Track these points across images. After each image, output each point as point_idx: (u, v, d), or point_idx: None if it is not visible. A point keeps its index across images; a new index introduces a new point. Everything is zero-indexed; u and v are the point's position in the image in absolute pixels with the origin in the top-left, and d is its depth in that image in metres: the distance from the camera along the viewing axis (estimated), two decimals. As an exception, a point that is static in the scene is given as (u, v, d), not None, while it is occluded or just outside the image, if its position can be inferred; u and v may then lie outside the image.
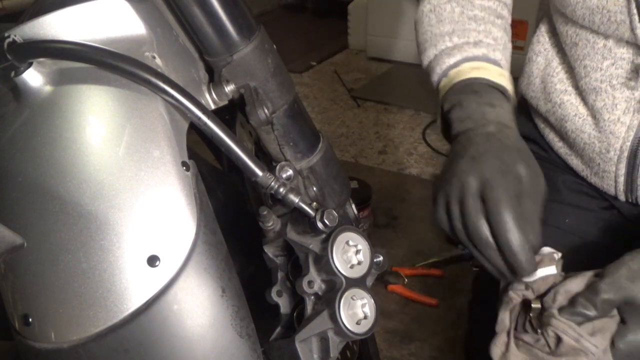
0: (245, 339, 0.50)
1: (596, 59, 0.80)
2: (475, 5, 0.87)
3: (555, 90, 0.87)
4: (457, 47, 0.84)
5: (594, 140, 0.83)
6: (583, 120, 0.84)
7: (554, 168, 0.94)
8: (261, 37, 0.55)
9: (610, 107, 0.80)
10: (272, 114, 0.57)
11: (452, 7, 0.87)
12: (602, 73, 0.80)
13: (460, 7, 0.87)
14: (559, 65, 0.88)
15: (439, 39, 0.86)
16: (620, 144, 0.80)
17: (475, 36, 0.84)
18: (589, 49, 0.80)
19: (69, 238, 0.46)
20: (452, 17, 0.86)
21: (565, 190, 0.92)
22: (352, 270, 0.55)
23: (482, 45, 0.83)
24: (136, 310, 0.46)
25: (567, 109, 0.86)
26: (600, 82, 0.80)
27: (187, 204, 0.48)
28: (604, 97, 0.80)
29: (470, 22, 0.86)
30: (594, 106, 0.81)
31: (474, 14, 0.86)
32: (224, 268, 0.50)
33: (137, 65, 0.47)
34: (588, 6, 0.76)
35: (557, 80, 0.87)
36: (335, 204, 0.64)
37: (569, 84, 0.86)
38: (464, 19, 0.86)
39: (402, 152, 2.62)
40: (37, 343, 0.47)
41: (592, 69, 0.80)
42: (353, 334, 0.53)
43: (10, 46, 0.47)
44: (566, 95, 0.86)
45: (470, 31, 0.85)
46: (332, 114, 2.97)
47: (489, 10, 0.88)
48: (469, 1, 0.87)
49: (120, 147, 0.47)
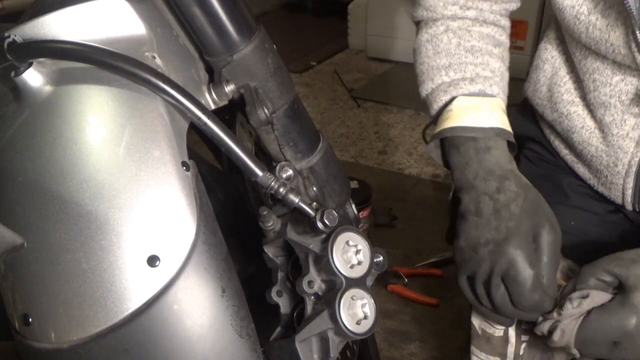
0: (245, 339, 0.50)
1: (606, 74, 0.79)
2: (473, 35, 0.85)
3: (562, 101, 0.86)
4: (453, 84, 0.83)
5: (601, 154, 0.82)
6: (590, 133, 0.83)
7: (560, 170, 0.93)
8: (261, 37, 0.55)
9: (619, 122, 0.79)
10: (272, 114, 0.57)
11: (449, 38, 0.85)
12: (611, 88, 0.78)
13: (457, 37, 0.85)
14: (566, 75, 0.87)
15: (436, 73, 0.86)
16: (629, 159, 0.79)
17: (472, 70, 0.83)
18: (598, 64, 0.79)
19: (69, 238, 0.46)
20: (448, 49, 0.85)
21: (571, 193, 0.91)
22: (352, 270, 0.55)
23: (479, 81, 0.82)
24: (136, 310, 0.46)
25: (574, 121, 0.85)
26: (609, 97, 0.79)
27: (187, 204, 0.48)
28: (612, 112, 0.79)
29: (467, 54, 0.84)
30: (602, 120, 0.81)
31: (471, 45, 0.85)
32: (224, 268, 0.50)
33: (137, 65, 0.47)
34: (592, 37, 0.75)
35: (564, 90, 0.86)
36: (335, 204, 0.64)
37: (577, 95, 0.85)
38: (461, 51, 0.85)
39: (402, 152, 2.62)
40: (37, 343, 0.47)
41: (602, 83, 0.79)
42: (353, 334, 0.53)
43: (10, 46, 0.47)
44: (573, 106, 0.85)
45: (467, 65, 0.84)
46: (332, 114, 2.97)
47: (486, 39, 0.86)
48: (467, 30, 0.85)
49: (120, 147, 0.47)
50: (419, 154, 2.60)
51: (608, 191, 0.85)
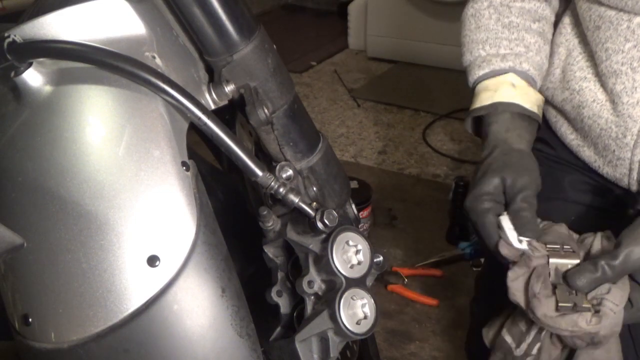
0: (245, 339, 0.50)
1: (618, 41, 0.82)
2: (513, 11, 0.91)
3: (574, 78, 0.90)
4: (487, 60, 0.90)
5: (610, 125, 0.85)
6: (601, 106, 0.86)
7: (561, 167, 0.96)
8: (261, 37, 0.55)
9: (630, 90, 0.82)
10: (272, 114, 0.57)
11: (490, 13, 0.92)
12: (623, 55, 0.82)
13: (497, 13, 0.92)
14: (579, 54, 0.91)
15: (474, 46, 0.93)
16: (638, 128, 0.82)
17: (506, 45, 0.90)
18: (611, 32, 0.83)
19: (69, 238, 0.46)
20: (488, 24, 0.92)
21: (570, 189, 0.94)
22: (352, 270, 0.55)
23: (509, 59, 0.89)
24: (136, 310, 0.46)
25: (586, 95, 0.88)
26: (621, 64, 0.82)
27: (187, 204, 0.48)
28: (623, 79, 0.82)
29: (504, 30, 0.91)
30: (613, 90, 0.84)
31: (509, 20, 0.91)
32: (224, 268, 0.50)
33: (137, 65, 0.47)
34: None
35: (577, 68, 0.90)
36: (335, 204, 0.64)
37: (589, 71, 0.89)
38: (499, 27, 0.91)
39: (402, 152, 2.62)
40: (37, 343, 0.47)
41: (614, 51, 0.83)
42: (353, 334, 0.53)
43: (10, 46, 0.47)
44: (585, 82, 0.89)
45: (502, 40, 0.90)
46: (332, 114, 2.97)
47: (526, 15, 0.92)
48: (507, 6, 0.92)
49: (120, 147, 0.47)
50: (419, 154, 2.60)
51: (614, 170, 0.87)
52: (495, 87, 0.88)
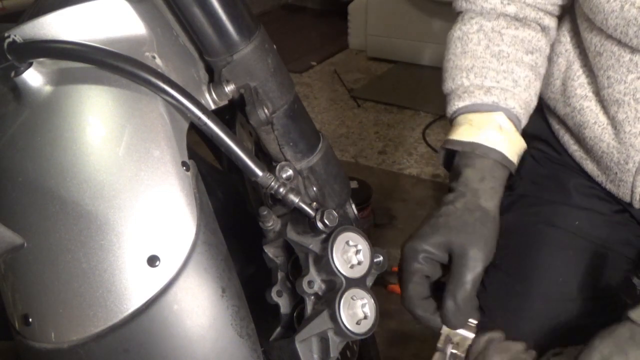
0: (245, 339, 0.50)
1: (621, 72, 0.77)
2: (504, 39, 0.83)
3: (575, 95, 0.85)
4: (469, 91, 0.82)
5: (612, 150, 0.81)
6: (602, 129, 0.82)
7: (566, 170, 0.92)
8: (261, 37, 0.55)
9: (633, 120, 0.78)
10: (272, 114, 0.57)
11: (479, 39, 0.83)
12: (625, 86, 0.77)
13: (487, 39, 0.83)
14: (580, 68, 0.85)
15: (457, 73, 0.85)
16: None
17: (493, 77, 0.82)
18: (613, 61, 0.78)
19: (69, 238, 0.46)
20: (475, 50, 0.83)
21: (576, 194, 0.90)
22: (352, 270, 0.55)
23: (494, 93, 0.81)
24: (136, 310, 0.46)
25: (587, 116, 0.83)
26: (623, 94, 0.78)
27: (187, 204, 0.48)
28: (626, 109, 0.78)
29: (493, 59, 0.82)
30: (615, 117, 0.80)
31: (500, 49, 0.82)
32: (224, 268, 0.50)
33: (137, 65, 0.47)
34: (624, 17, 0.72)
35: (577, 84, 0.85)
36: (335, 204, 0.64)
37: (590, 89, 0.84)
38: (487, 55, 0.82)
39: (402, 152, 2.62)
40: (37, 343, 0.47)
41: (616, 80, 0.78)
42: (353, 334, 0.53)
43: (10, 46, 0.47)
44: (586, 101, 0.84)
45: (489, 70, 0.82)
46: (332, 114, 2.97)
47: (519, 44, 0.83)
48: (499, 33, 0.83)
49: (120, 147, 0.47)
50: (419, 154, 2.60)
51: (616, 189, 0.85)
52: (480, 124, 0.80)
